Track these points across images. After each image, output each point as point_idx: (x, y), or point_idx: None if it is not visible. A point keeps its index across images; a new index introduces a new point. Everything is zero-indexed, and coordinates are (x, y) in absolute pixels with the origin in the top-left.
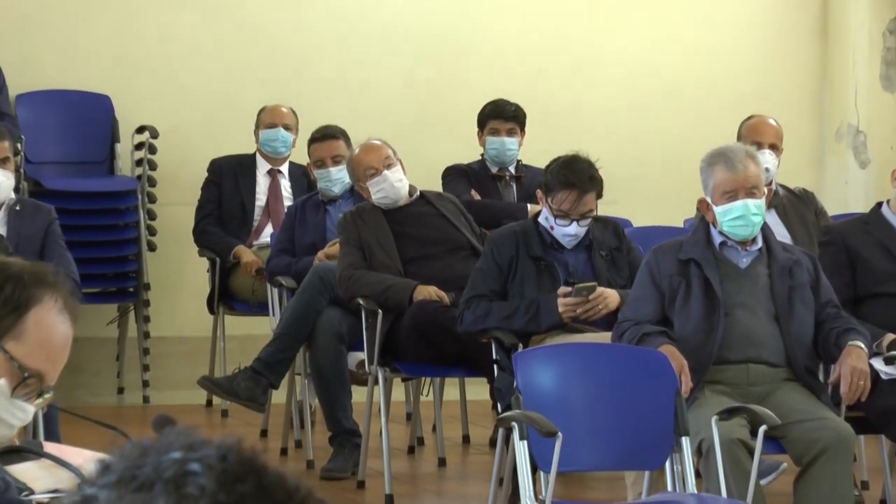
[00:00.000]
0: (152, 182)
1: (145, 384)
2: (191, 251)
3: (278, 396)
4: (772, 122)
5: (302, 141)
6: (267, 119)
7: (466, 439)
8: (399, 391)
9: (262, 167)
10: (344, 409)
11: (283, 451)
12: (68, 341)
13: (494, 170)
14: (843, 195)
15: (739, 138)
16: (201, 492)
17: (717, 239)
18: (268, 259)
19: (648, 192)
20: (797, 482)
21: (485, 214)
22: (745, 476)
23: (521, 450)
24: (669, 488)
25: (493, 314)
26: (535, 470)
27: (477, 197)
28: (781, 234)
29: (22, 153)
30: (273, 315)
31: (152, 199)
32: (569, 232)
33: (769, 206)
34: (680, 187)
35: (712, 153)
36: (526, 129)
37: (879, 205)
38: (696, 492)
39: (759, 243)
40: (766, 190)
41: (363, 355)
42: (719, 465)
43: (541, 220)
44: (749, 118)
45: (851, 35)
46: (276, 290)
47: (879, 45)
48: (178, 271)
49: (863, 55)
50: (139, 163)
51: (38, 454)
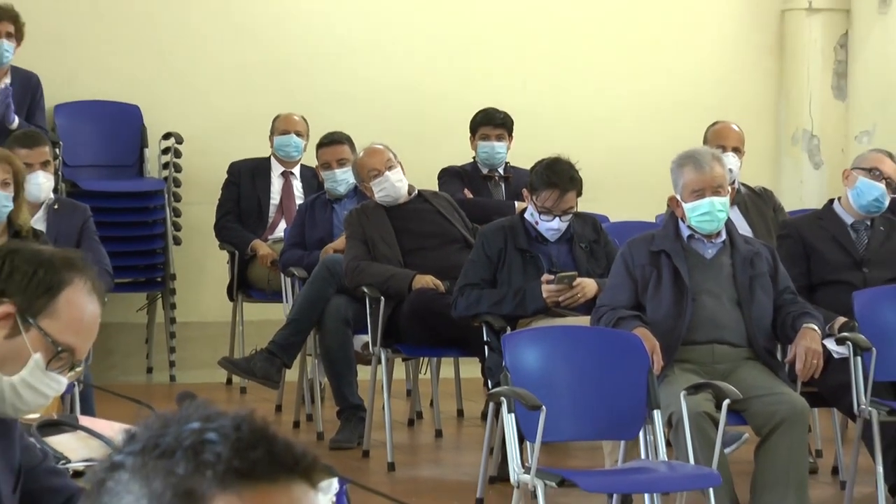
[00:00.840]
0: (177, 183)
1: (171, 364)
2: (212, 245)
3: (291, 375)
4: (735, 127)
5: (312, 146)
6: (280, 126)
7: (460, 413)
8: (400, 370)
9: (276, 169)
10: (350, 386)
11: (296, 424)
12: (97, 319)
13: (485, 171)
14: (799, 193)
15: (706, 142)
16: (217, 458)
17: (686, 232)
18: (281, 252)
19: (623, 191)
20: (757, 451)
21: (476, 211)
22: (710, 445)
23: (510, 422)
24: (643, 456)
25: (484, 300)
26: (521, 440)
27: (469, 195)
28: (743, 228)
29: (60, 157)
30: (286, 302)
31: (177, 199)
32: (552, 226)
33: (732, 203)
34: (652, 186)
35: (681, 155)
36: (513, 134)
37: (831, 202)
38: (666, 459)
39: (724, 236)
40: (729, 188)
41: (367, 338)
42: (687, 435)
43: (527, 216)
44: (714, 124)
45: (805, 50)
46: (288, 280)
47: (831, 59)
48: (200, 263)
49: (816, 68)
50: (165, 166)
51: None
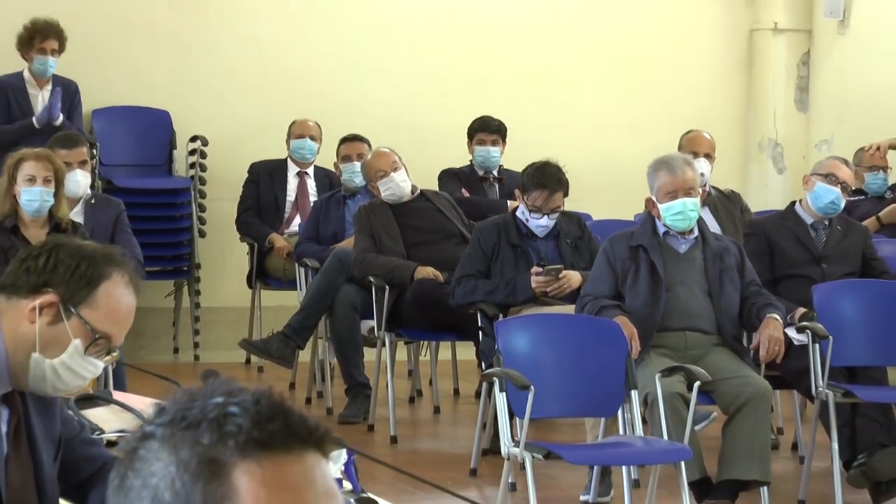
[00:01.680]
0: (202, 181)
1: (196, 346)
2: (233, 238)
3: (304, 356)
4: (706, 135)
5: (325, 149)
6: (296, 131)
7: (457, 392)
8: (402, 352)
9: (292, 170)
10: (357, 366)
11: (308, 401)
12: (132, 310)
13: (481, 173)
14: (764, 196)
15: (680, 148)
16: (239, 429)
17: (661, 230)
18: (296, 244)
19: (606, 192)
20: (725, 428)
21: (473, 209)
22: (682, 423)
23: (501, 400)
24: (621, 432)
25: (479, 290)
26: (512, 416)
27: (466, 195)
28: (713, 226)
29: (97, 157)
30: (300, 290)
31: (202, 196)
32: (541, 224)
33: (703, 203)
34: (631, 188)
35: (657, 161)
36: (506, 139)
37: (793, 204)
38: (642, 435)
39: (696, 233)
40: (700, 190)
41: (373, 323)
42: (661, 413)
43: (518, 213)
44: (688, 132)
45: (771, 66)
46: (302, 270)
47: (794, 75)
48: (223, 254)
49: (780, 82)
50: (192, 166)
51: (108, 401)
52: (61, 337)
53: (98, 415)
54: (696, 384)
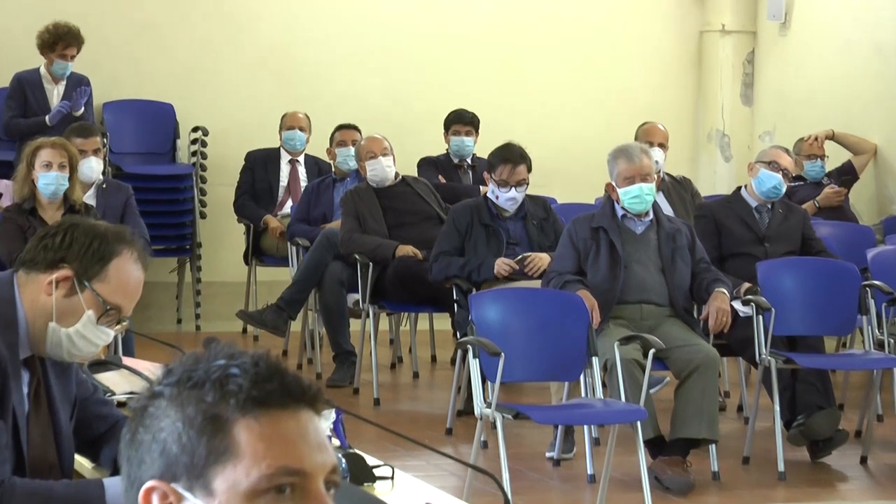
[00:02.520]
0: (203, 168)
1: (197, 316)
2: (231, 219)
3: (295, 326)
4: (661, 127)
5: (314, 138)
6: (287, 123)
7: (434, 358)
8: (384, 322)
9: (285, 158)
10: (344, 335)
11: (299, 367)
12: (140, 283)
13: (456, 161)
14: (712, 181)
15: (636, 139)
16: (239, 388)
17: (620, 212)
18: (288, 225)
19: (569, 178)
20: (677, 391)
21: (449, 193)
22: (638, 386)
23: (474, 366)
24: (583, 395)
25: (453, 266)
26: (484, 381)
27: (443, 181)
28: (667, 209)
29: (107, 146)
30: (292, 266)
31: (203, 181)
32: (509, 196)
33: (658, 188)
34: (592, 174)
35: (616, 149)
36: (479, 130)
37: (739, 189)
38: (602, 398)
39: (651, 216)
40: (655, 177)
41: (358, 296)
42: (619, 378)
43: (489, 195)
44: (644, 124)
45: (719, 64)
46: (294, 248)
47: (740, 72)
48: (222, 234)
49: (727, 79)
50: (194, 154)
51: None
52: (76, 308)
53: (109, 378)
54: (651, 351)
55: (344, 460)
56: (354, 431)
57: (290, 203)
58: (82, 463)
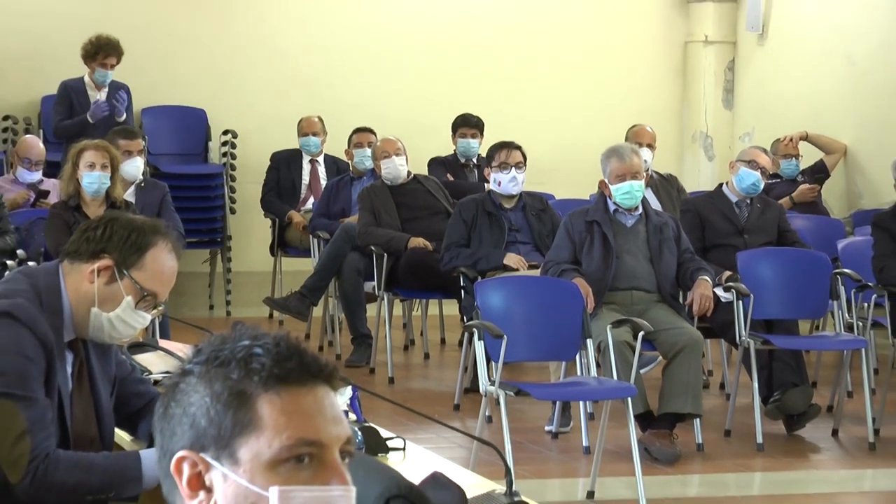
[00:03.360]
0: (233, 168)
1: (227, 303)
2: (258, 214)
3: (317, 311)
4: (649, 128)
5: (330, 139)
6: (302, 130)
7: (443, 341)
8: (398, 308)
9: (306, 158)
10: (361, 320)
11: (320, 349)
12: (174, 272)
13: (463, 160)
14: (697, 179)
15: (627, 139)
16: (262, 367)
17: (612, 207)
18: (310, 220)
19: (565, 175)
20: (664, 370)
21: (456, 190)
22: (629, 366)
23: (479, 347)
24: (578, 373)
25: (462, 257)
26: (488, 361)
27: (451, 179)
28: (654, 204)
29: (146, 147)
30: (314, 257)
31: (233, 179)
32: (510, 177)
33: (646, 185)
34: (587, 172)
35: (608, 149)
36: (484, 132)
37: (721, 185)
38: (596, 376)
39: (640, 210)
40: (644, 174)
41: (374, 284)
42: (612, 358)
43: (491, 186)
44: (633, 126)
45: (702, 71)
46: (316, 240)
47: (721, 79)
48: (249, 227)
49: (710, 85)
50: (224, 155)
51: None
52: (116, 294)
53: (147, 359)
54: (641, 334)
55: (360, 433)
56: (370, 407)
57: (311, 199)
58: (122, 436)
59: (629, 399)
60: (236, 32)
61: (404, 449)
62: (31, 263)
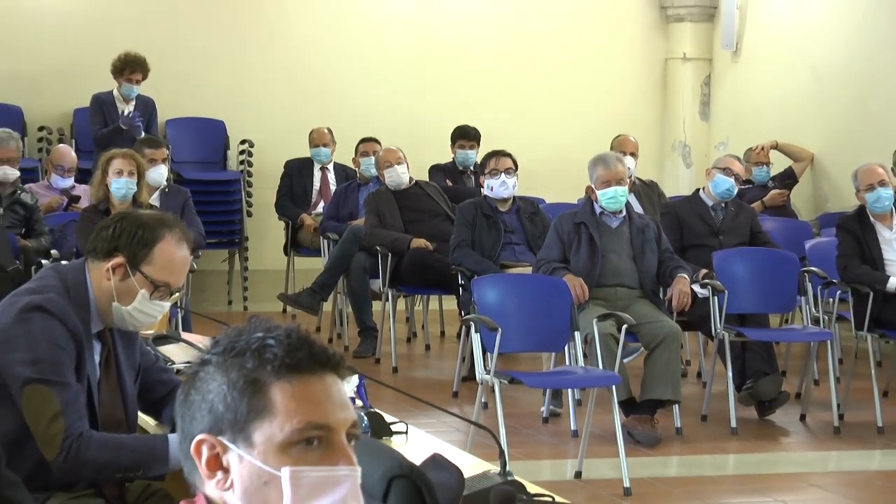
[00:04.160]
0: (250, 174)
1: (245, 299)
2: (273, 217)
3: (327, 306)
4: (632, 138)
5: (339, 148)
6: (313, 141)
7: (443, 333)
8: (401, 303)
9: (317, 166)
10: (367, 314)
11: (329, 341)
12: (186, 260)
13: (461, 168)
14: (676, 185)
15: (612, 148)
16: (274, 356)
17: (598, 210)
18: (321, 222)
19: (555, 181)
20: (646, 360)
21: (455, 195)
22: (613, 356)
23: (476, 339)
24: (567, 363)
25: (468, 258)
26: (484, 352)
27: (450, 185)
28: (637, 207)
29: (170, 156)
30: (324, 256)
31: (250, 185)
32: (500, 182)
33: (630, 190)
34: (575, 178)
35: (595, 157)
36: (480, 143)
37: (698, 191)
38: (583, 365)
39: (624, 213)
40: (628, 180)
41: (379, 281)
42: (598, 349)
43: (485, 191)
44: (618, 136)
45: (681, 86)
46: (326, 241)
47: (698, 93)
48: (265, 229)
49: (688, 98)
50: (241, 162)
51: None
52: (131, 289)
53: (170, 350)
54: (624, 326)
55: (366, 418)
56: (375, 394)
57: (322, 204)
58: (147, 421)
59: (613, 387)
60: (253, 51)
61: (406, 433)
62: (63, 262)
